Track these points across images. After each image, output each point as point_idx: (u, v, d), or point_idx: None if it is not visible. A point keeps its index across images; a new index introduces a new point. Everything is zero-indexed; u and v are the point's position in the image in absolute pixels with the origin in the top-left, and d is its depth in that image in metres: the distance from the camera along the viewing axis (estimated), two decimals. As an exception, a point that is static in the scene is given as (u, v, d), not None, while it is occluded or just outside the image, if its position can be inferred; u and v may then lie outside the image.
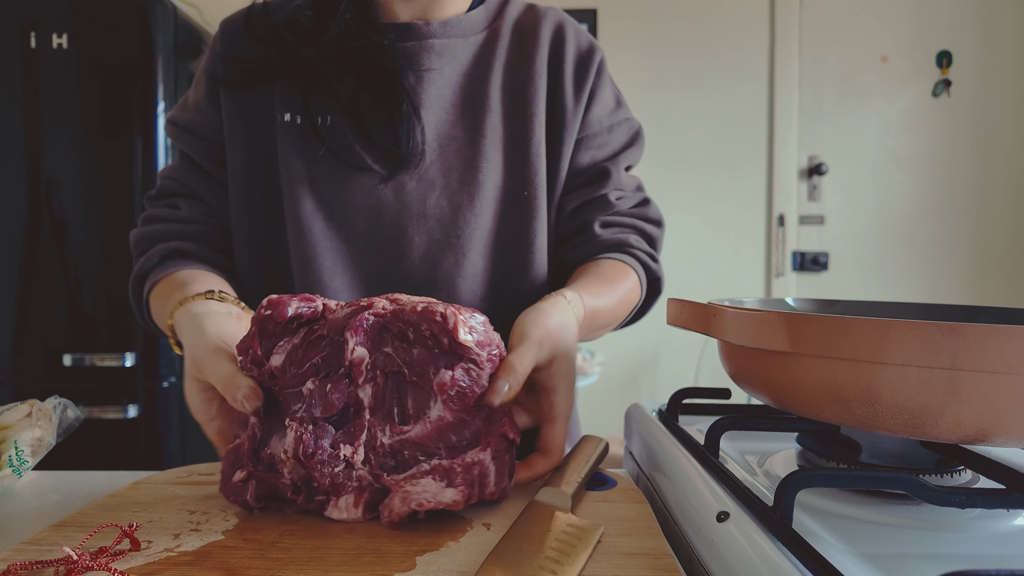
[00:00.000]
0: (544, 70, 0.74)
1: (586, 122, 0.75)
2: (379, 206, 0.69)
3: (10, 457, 0.55)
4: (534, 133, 0.72)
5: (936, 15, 2.54)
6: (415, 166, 0.69)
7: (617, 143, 0.77)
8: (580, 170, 0.75)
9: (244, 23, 0.73)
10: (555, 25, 0.76)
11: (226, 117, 0.72)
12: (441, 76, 0.71)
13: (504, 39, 0.74)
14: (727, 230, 2.59)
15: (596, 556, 0.41)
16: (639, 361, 2.61)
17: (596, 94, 0.76)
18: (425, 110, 0.70)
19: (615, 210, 0.75)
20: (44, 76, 1.70)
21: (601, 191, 0.74)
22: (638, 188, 0.79)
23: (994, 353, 0.36)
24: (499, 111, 0.72)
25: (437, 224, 0.69)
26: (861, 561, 0.35)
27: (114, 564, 0.39)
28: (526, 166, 0.72)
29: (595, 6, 2.55)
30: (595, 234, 0.73)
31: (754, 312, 0.46)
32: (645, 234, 0.76)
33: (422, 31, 0.71)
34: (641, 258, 0.73)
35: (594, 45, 0.78)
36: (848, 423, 0.43)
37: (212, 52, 0.74)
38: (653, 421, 0.63)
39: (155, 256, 0.70)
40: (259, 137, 0.72)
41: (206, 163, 0.74)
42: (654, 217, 0.78)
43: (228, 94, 0.72)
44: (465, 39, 0.73)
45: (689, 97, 2.57)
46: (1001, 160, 2.55)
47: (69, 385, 1.71)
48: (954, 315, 0.57)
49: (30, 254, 1.72)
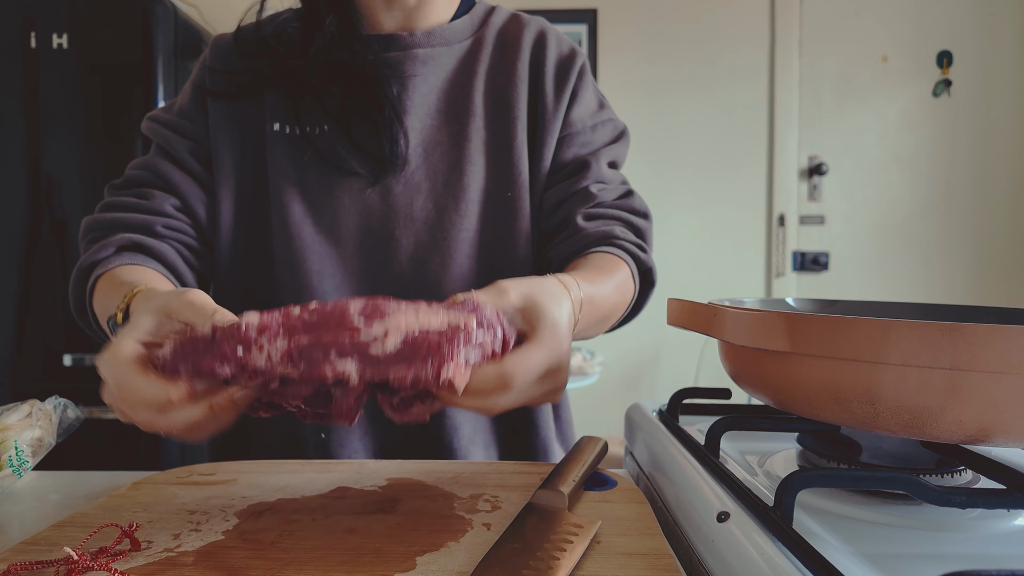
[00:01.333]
0: (526, 75, 0.75)
1: (568, 121, 0.75)
2: (367, 210, 0.71)
3: (10, 457, 0.55)
4: (516, 136, 0.73)
5: (936, 15, 2.54)
6: (400, 170, 0.71)
7: (600, 140, 0.77)
8: (562, 165, 0.75)
9: (234, 39, 0.74)
10: (537, 32, 0.77)
11: (212, 127, 0.73)
12: (425, 83, 0.73)
13: (488, 47, 0.76)
14: (727, 230, 2.59)
15: (596, 556, 0.41)
16: (639, 361, 2.61)
17: (578, 95, 0.76)
18: (409, 116, 0.72)
19: (597, 201, 0.73)
20: (44, 76, 1.70)
21: (582, 183, 0.73)
22: (623, 182, 0.78)
23: (994, 353, 0.36)
24: (482, 116, 0.73)
25: (424, 226, 0.71)
26: (861, 561, 0.35)
27: (114, 564, 0.39)
28: (509, 168, 0.73)
29: (595, 6, 2.55)
30: (579, 227, 0.71)
31: (754, 312, 0.46)
32: (632, 225, 0.74)
33: (406, 41, 0.73)
34: (630, 249, 0.71)
35: (575, 50, 0.78)
36: (848, 423, 0.43)
37: (202, 65, 0.75)
38: (653, 421, 0.63)
39: (111, 246, 0.65)
40: (247, 147, 0.72)
41: (185, 158, 0.72)
42: (639, 208, 0.76)
43: (216, 105, 0.73)
44: (449, 47, 0.75)
45: (689, 97, 2.57)
46: (1001, 160, 2.55)
47: (69, 385, 1.71)
48: (954, 315, 0.57)
49: (30, 254, 1.72)
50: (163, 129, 0.73)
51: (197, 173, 0.72)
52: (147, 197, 0.71)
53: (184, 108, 0.74)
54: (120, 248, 0.66)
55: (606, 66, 2.55)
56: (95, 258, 0.64)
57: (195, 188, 0.72)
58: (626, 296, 0.69)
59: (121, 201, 0.71)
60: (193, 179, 0.72)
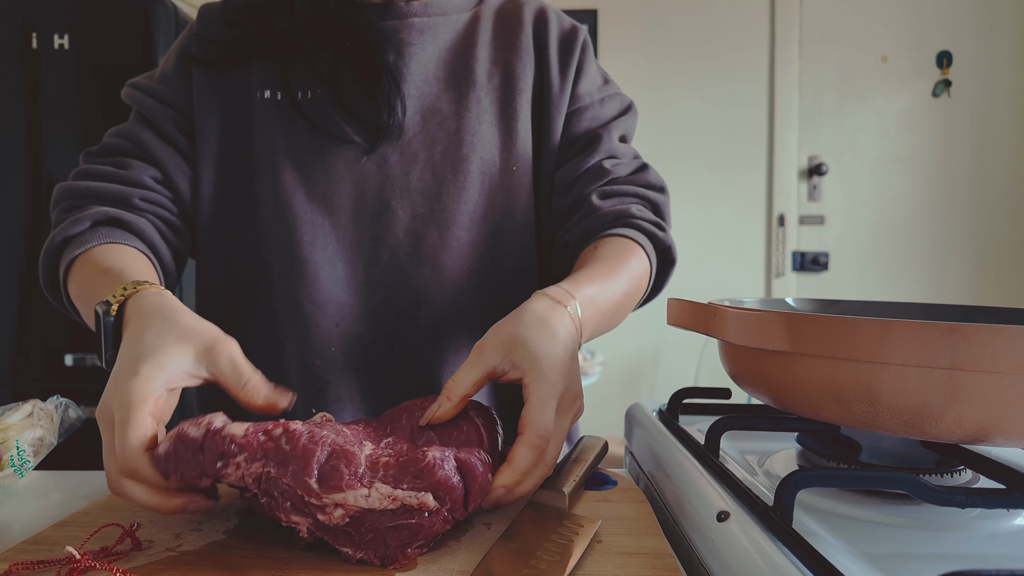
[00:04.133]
0: (530, 47, 0.74)
1: (575, 95, 0.74)
2: (362, 179, 0.68)
3: (12, 457, 0.56)
4: (521, 108, 0.72)
5: (936, 15, 2.54)
6: (396, 138, 0.69)
7: (609, 113, 0.76)
8: (573, 140, 0.74)
9: (222, 7, 0.72)
10: (537, 9, 0.77)
11: (196, 97, 0.69)
12: (423, 51, 0.71)
13: (487, 21, 0.75)
14: (727, 230, 2.59)
15: (596, 556, 0.41)
16: (639, 361, 2.61)
17: (583, 70, 0.75)
18: (407, 83, 0.70)
19: (612, 178, 0.71)
20: (45, 76, 1.70)
21: (595, 158, 0.72)
22: (635, 156, 0.77)
23: (994, 353, 0.36)
24: (485, 86, 0.71)
25: (421, 197, 0.69)
26: (861, 561, 0.35)
27: (116, 563, 0.39)
28: (514, 141, 0.71)
29: (595, 6, 2.56)
30: (594, 207, 0.69)
31: (754, 312, 0.46)
32: (649, 201, 0.73)
33: (402, 10, 0.71)
34: (646, 228, 0.69)
35: (576, 26, 0.78)
36: (848, 423, 0.43)
37: (188, 32, 0.73)
38: (653, 421, 0.63)
39: (86, 219, 0.61)
40: (234, 116, 0.69)
41: (168, 129, 0.69)
42: (655, 183, 0.75)
43: (201, 74, 0.70)
44: (446, 18, 0.73)
45: (689, 97, 2.57)
46: (1001, 160, 2.55)
47: (70, 385, 1.71)
48: (954, 315, 0.57)
49: (32, 254, 1.72)
50: (144, 96, 0.70)
51: (179, 144, 0.69)
52: (124, 167, 0.67)
53: (167, 74, 0.71)
54: (95, 223, 0.62)
55: (606, 66, 2.55)
56: (68, 232, 0.61)
57: (177, 159, 0.69)
58: (640, 282, 0.67)
59: (97, 169, 0.67)
60: (175, 150, 0.69)
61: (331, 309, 0.67)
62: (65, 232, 0.61)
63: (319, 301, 0.67)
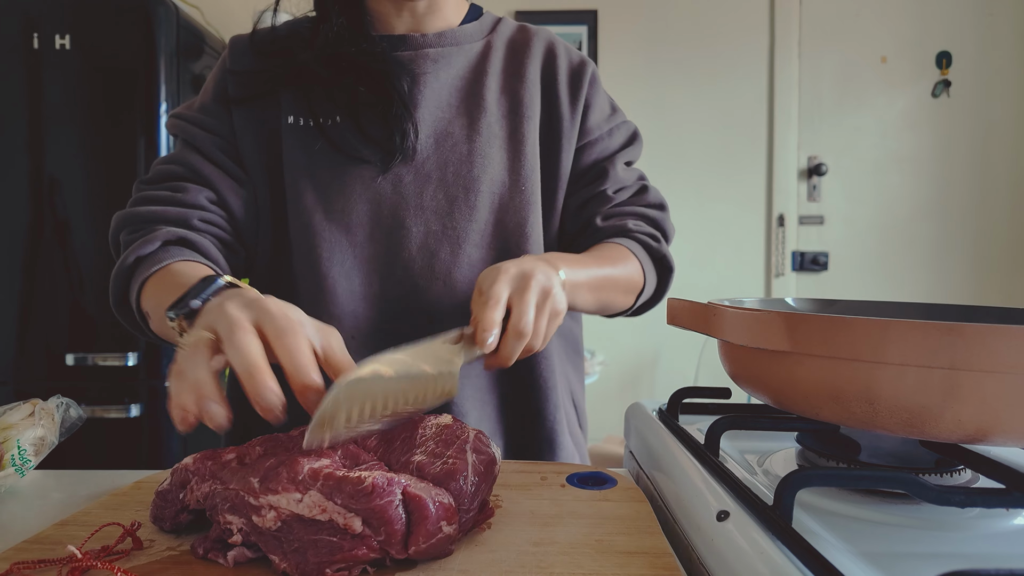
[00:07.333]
0: (538, 78, 0.79)
1: (585, 129, 0.79)
2: (377, 198, 0.72)
3: (13, 456, 0.56)
4: (528, 134, 0.76)
5: (936, 15, 2.54)
6: (410, 159, 0.72)
7: (616, 144, 0.81)
8: (582, 171, 0.80)
9: (250, 40, 0.76)
10: (547, 42, 0.81)
11: (237, 125, 0.74)
12: (437, 80, 0.75)
13: (498, 51, 0.79)
14: (727, 230, 2.59)
15: (596, 555, 0.41)
16: (639, 361, 2.61)
17: (592, 103, 0.80)
18: (421, 109, 0.74)
19: (615, 203, 0.78)
20: (47, 77, 1.70)
21: (601, 187, 0.78)
22: (639, 178, 0.83)
23: (994, 353, 0.36)
24: (495, 112, 0.76)
25: (434, 216, 0.72)
26: (861, 560, 0.35)
27: (117, 563, 0.39)
28: (522, 164, 0.75)
29: (595, 6, 2.56)
30: (597, 228, 0.77)
31: (754, 312, 0.46)
32: (645, 217, 0.79)
33: (417, 42, 0.76)
34: (640, 238, 0.76)
35: (585, 59, 0.82)
36: (848, 423, 0.43)
37: (222, 67, 0.76)
38: (653, 420, 0.63)
39: (156, 239, 0.64)
40: (267, 142, 0.74)
41: (215, 154, 0.73)
42: (654, 201, 0.81)
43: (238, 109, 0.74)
44: (459, 48, 0.78)
45: (689, 97, 2.57)
46: (1001, 160, 2.55)
47: (72, 384, 1.71)
48: (954, 315, 0.57)
49: (33, 254, 1.72)
50: (189, 126, 0.74)
51: (227, 167, 0.73)
52: (181, 191, 0.70)
53: (207, 105, 0.75)
54: (165, 243, 0.64)
55: (606, 67, 2.55)
56: (140, 252, 0.63)
57: (228, 181, 0.72)
58: (631, 272, 0.72)
59: (154, 195, 0.70)
60: (224, 172, 0.73)
61: (348, 322, 0.71)
62: (137, 252, 0.63)
63: (337, 314, 0.70)
